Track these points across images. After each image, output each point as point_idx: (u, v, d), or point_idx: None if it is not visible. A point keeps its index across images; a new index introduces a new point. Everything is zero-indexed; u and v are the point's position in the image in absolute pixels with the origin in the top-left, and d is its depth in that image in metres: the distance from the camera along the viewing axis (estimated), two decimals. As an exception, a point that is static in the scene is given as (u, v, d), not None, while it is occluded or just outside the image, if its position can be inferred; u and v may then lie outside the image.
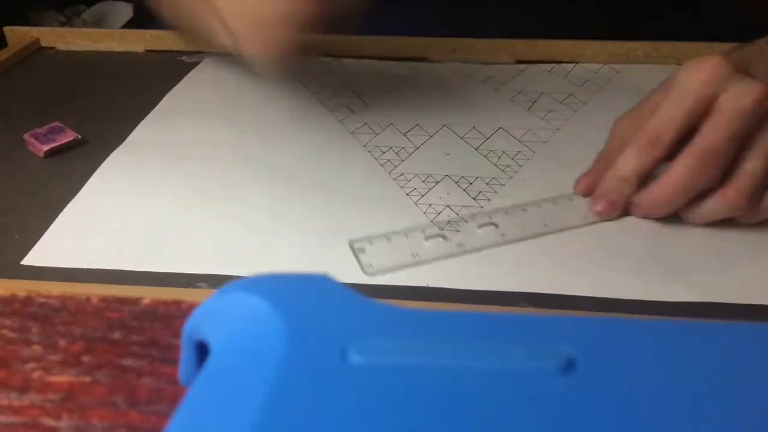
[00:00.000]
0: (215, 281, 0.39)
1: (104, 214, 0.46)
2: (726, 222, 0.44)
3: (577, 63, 0.67)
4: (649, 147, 0.43)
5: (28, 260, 0.42)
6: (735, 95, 0.41)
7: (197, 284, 0.39)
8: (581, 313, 0.36)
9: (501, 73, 0.66)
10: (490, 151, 0.53)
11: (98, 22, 0.86)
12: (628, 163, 0.44)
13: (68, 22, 0.85)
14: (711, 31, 0.67)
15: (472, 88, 0.63)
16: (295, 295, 0.21)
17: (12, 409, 0.22)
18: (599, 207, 0.45)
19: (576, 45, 0.68)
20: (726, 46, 0.63)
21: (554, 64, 0.67)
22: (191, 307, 0.25)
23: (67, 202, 0.47)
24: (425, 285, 0.40)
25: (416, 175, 0.50)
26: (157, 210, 0.47)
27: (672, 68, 0.65)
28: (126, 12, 0.86)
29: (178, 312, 0.25)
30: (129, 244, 0.43)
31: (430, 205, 0.47)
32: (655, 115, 0.44)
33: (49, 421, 0.22)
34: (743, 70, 0.42)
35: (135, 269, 0.41)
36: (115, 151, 0.54)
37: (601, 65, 0.67)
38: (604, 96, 0.62)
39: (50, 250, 0.43)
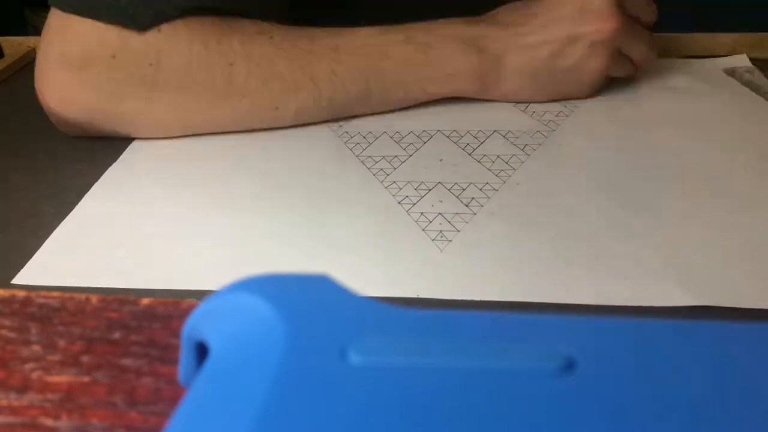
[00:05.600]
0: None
1: (97, 233, 0.46)
2: (724, 223, 0.44)
3: None
4: None
5: (19, 279, 0.42)
6: None
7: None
8: (581, 313, 0.36)
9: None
10: (484, 155, 0.54)
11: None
12: None
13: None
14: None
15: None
16: (295, 295, 0.22)
17: (11, 410, 0.22)
18: None
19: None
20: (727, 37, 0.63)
21: None
22: (190, 307, 0.25)
23: (62, 220, 0.47)
24: (415, 296, 0.40)
25: (409, 182, 0.50)
26: (150, 227, 0.47)
27: (672, 61, 0.66)
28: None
29: (178, 312, 0.25)
30: (120, 263, 0.43)
31: (422, 213, 0.47)
32: None
33: (48, 421, 0.22)
34: None
35: (126, 287, 0.41)
36: (111, 167, 0.54)
37: None
38: (602, 94, 0.62)
39: (42, 268, 0.43)
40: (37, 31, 0.86)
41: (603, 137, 0.56)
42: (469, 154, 0.54)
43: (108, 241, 0.45)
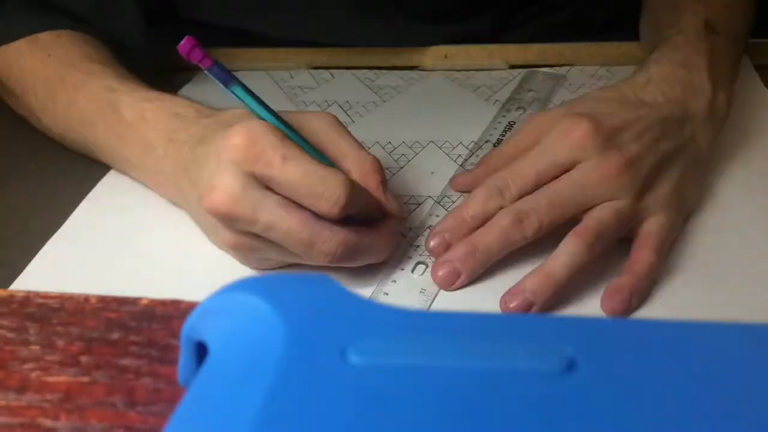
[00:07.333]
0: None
1: (91, 244, 0.46)
2: (710, 242, 0.44)
3: (572, 66, 0.66)
4: (497, 195, 0.43)
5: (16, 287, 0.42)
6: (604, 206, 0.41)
7: None
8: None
9: (494, 80, 0.65)
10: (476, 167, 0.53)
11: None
12: (473, 205, 0.44)
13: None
14: None
15: (463, 98, 0.63)
16: (295, 295, 0.22)
17: (10, 410, 0.22)
18: (432, 243, 0.44)
19: (571, 47, 0.66)
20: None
21: (549, 68, 0.66)
22: (190, 307, 0.25)
23: (56, 230, 0.47)
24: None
25: (398, 197, 0.50)
26: (145, 237, 0.46)
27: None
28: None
29: (177, 312, 0.25)
30: (115, 274, 0.43)
31: (410, 228, 0.47)
32: (513, 163, 0.44)
33: (47, 422, 0.22)
34: (613, 135, 0.43)
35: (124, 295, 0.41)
36: (106, 176, 0.53)
37: (597, 67, 0.66)
38: None
39: (35, 280, 0.43)
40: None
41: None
42: (460, 165, 0.53)
43: (104, 249, 0.45)
